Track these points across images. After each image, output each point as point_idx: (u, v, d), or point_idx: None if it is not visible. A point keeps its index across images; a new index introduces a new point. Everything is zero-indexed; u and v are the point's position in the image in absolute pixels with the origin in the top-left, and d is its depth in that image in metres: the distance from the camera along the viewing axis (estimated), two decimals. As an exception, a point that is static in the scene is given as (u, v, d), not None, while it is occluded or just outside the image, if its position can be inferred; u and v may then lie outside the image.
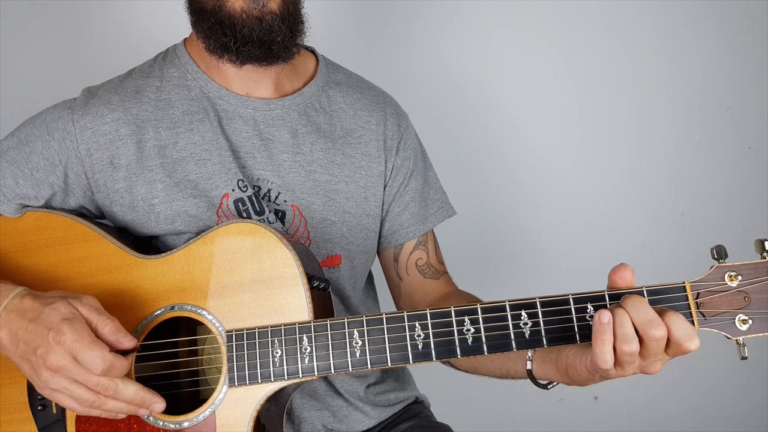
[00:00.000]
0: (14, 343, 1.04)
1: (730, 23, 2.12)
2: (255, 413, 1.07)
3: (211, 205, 1.25)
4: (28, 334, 1.02)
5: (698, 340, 0.94)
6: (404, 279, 1.44)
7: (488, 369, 1.25)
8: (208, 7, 1.21)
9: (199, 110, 1.29)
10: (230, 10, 1.19)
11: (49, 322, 1.01)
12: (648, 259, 2.16)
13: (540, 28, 2.07)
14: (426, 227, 1.43)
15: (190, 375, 1.18)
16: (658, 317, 0.93)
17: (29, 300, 1.05)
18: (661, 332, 0.93)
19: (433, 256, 1.44)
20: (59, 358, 0.99)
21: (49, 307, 1.03)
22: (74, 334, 0.99)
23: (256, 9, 1.18)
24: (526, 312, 1.01)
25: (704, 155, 2.17)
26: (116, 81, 1.32)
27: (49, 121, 1.25)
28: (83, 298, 1.05)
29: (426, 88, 2.06)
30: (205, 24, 1.22)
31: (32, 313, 1.03)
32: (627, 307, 0.95)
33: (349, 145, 1.35)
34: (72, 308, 1.03)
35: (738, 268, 0.98)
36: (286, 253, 1.10)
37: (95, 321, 1.03)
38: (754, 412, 2.29)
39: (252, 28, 1.19)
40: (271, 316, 1.09)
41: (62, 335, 0.99)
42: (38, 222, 1.23)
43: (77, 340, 0.99)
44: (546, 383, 1.11)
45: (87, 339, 1.00)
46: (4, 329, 1.05)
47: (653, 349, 0.94)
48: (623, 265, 1.00)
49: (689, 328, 0.94)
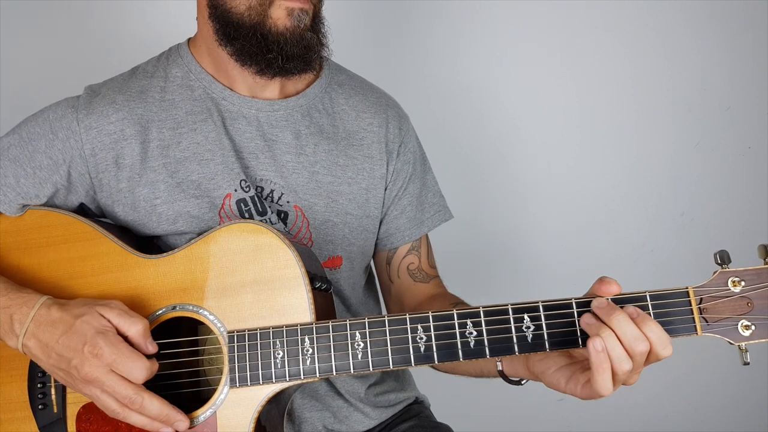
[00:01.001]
0: (46, 354, 1.06)
1: (730, 23, 2.13)
2: (256, 414, 1.07)
3: (213, 205, 1.25)
4: (60, 347, 1.05)
5: (671, 347, 0.96)
6: (395, 282, 1.44)
7: (464, 369, 1.27)
8: (248, 21, 1.21)
9: (203, 110, 1.28)
10: (274, 28, 1.20)
11: (83, 336, 1.03)
12: (648, 260, 2.17)
13: (540, 28, 2.07)
14: (421, 231, 1.44)
15: (192, 375, 1.18)
16: (641, 333, 0.94)
17: (56, 311, 1.07)
18: (646, 347, 0.94)
19: (425, 261, 1.45)
20: (94, 369, 1.02)
21: (80, 320, 1.05)
22: (111, 348, 1.02)
23: (298, 27, 1.20)
24: (528, 315, 1.01)
25: (704, 155, 2.17)
26: (120, 80, 1.32)
27: (52, 120, 1.25)
28: (110, 303, 1.08)
29: (427, 89, 2.06)
30: (242, 39, 1.22)
31: (63, 326, 1.05)
32: (613, 326, 0.95)
33: (352, 147, 1.35)
34: (103, 320, 1.05)
35: (741, 273, 0.98)
36: (288, 254, 1.10)
37: (125, 326, 1.06)
38: (754, 413, 2.30)
39: (294, 45, 1.21)
40: (273, 316, 1.09)
41: (99, 349, 1.02)
42: (39, 220, 1.22)
43: (115, 353, 1.02)
44: (519, 379, 1.12)
45: (125, 351, 1.03)
46: (32, 339, 1.07)
47: (638, 363, 0.96)
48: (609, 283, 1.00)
49: (664, 336, 0.95)
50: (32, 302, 1.09)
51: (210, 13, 1.26)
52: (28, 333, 1.07)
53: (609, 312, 0.96)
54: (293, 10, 1.20)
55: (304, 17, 1.21)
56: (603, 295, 0.99)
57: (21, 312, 1.08)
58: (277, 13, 1.20)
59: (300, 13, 1.20)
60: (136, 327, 1.06)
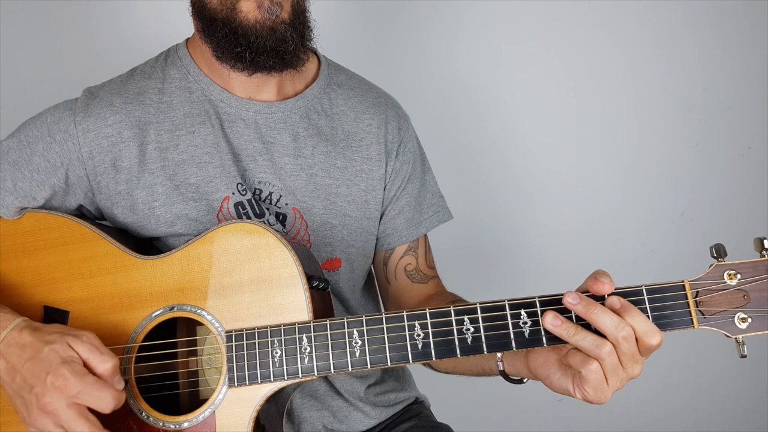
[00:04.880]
0: (11, 377, 1.04)
1: (730, 23, 2.13)
2: (255, 413, 1.07)
3: (211, 208, 1.25)
4: (25, 372, 1.02)
5: (660, 335, 0.95)
6: (392, 283, 1.44)
7: (465, 368, 1.26)
8: (219, 16, 1.20)
9: (201, 113, 1.29)
10: (244, 21, 1.19)
11: (48, 365, 1.00)
12: (648, 259, 2.17)
13: (540, 27, 2.07)
14: (419, 232, 1.43)
15: (190, 375, 1.18)
16: (621, 320, 0.95)
17: (28, 335, 1.05)
18: (628, 332, 0.94)
19: (423, 261, 1.44)
20: (54, 401, 0.99)
21: (48, 347, 1.02)
22: (77, 378, 0.99)
23: (269, 20, 1.18)
24: (525, 311, 1.01)
25: (704, 155, 2.17)
26: (118, 82, 1.32)
27: (50, 123, 1.25)
28: (83, 336, 1.04)
29: (427, 89, 2.06)
30: (217, 33, 1.22)
31: (31, 351, 1.03)
32: (593, 320, 0.96)
33: (351, 148, 1.35)
34: (70, 350, 1.02)
35: (737, 266, 0.98)
36: (285, 253, 1.10)
37: (94, 362, 1.02)
38: (754, 412, 2.29)
39: (266, 38, 1.19)
40: (271, 316, 1.09)
41: (63, 380, 0.99)
42: (37, 223, 1.22)
43: (81, 384, 0.99)
44: (520, 378, 1.12)
45: (91, 381, 1.00)
46: (1, 360, 1.05)
47: (627, 349, 0.95)
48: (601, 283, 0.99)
49: (649, 325, 0.96)
50: (6, 323, 1.06)
51: (192, 11, 1.27)
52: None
53: (586, 307, 0.96)
54: (263, 2, 1.17)
55: (276, 9, 1.18)
56: (595, 293, 0.99)
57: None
58: (247, 5, 1.18)
59: (271, 5, 1.18)
60: (105, 365, 1.02)
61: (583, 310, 0.97)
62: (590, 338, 0.95)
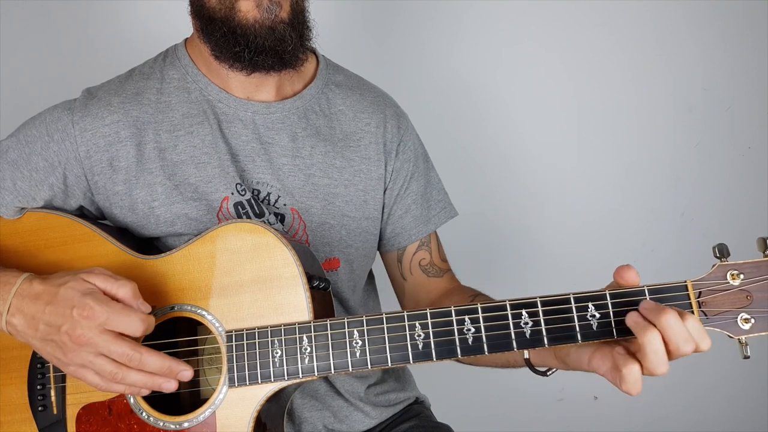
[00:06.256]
0: (33, 327, 1.04)
1: (730, 23, 2.12)
2: (255, 413, 1.07)
3: (210, 208, 1.25)
4: (47, 316, 1.02)
5: (709, 339, 0.94)
6: (408, 279, 1.44)
7: (489, 360, 1.24)
8: (218, 15, 1.20)
9: (199, 113, 1.28)
10: (242, 20, 1.18)
11: (70, 301, 1.01)
12: (648, 259, 2.16)
13: (541, 27, 2.07)
14: (429, 229, 1.43)
15: (190, 375, 1.18)
16: (688, 334, 0.93)
17: (38, 284, 1.06)
18: (692, 347, 0.93)
19: (436, 255, 1.44)
20: (86, 330, 1.00)
21: (64, 287, 1.03)
22: (102, 306, 1.00)
23: (268, 19, 1.18)
24: (526, 311, 1.00)
25: (704, 155, 2.17)
26: (116, 82, 1.32)
27: (48, 122, 1.25)
28: (94, 269, 1.06)
29: (427, 89, 2.06)
30: (216, 33, 1.21)
31: (47, 296, 1.04)
32: (663, 327, 0.93)
33: (349, 148, 1.35)
34: (87, 283, 1.03)
35: (740, 266, 0.97)
36: (285, 253, 1.10)
37: (112, 288, 1.04)
38: (754, 412, 2.29)
39: (265, 37, 1.19)
40: (271, 316, 1.09)
41: (89, 309, 0.99)
42: (38, 223, 1.22)
43: (108, 311, 1.00)
44: (545, 370, 1.11)
45: (116, 306, 1.01)
46: (18, 315, 1.05)
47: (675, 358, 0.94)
48: (627, 267, 0.99)
49: (703, 331, 0.94)
50: (14, 279, 1.07)
51: (191, 10, 1.26)
52: (11, 309, 1.05)
53: (657, 312, 0.93)
54: (262, 2, 1.17)
55: (275, 9, 1.18)
56: (626, 283, 0.98)
57: (3, 290, 1.07)
58: (246, 5, 1.17)
59: (270, 4, 1.17)
60: (124, 289, 1.03)
61: (653, 314, 0.94)
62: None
